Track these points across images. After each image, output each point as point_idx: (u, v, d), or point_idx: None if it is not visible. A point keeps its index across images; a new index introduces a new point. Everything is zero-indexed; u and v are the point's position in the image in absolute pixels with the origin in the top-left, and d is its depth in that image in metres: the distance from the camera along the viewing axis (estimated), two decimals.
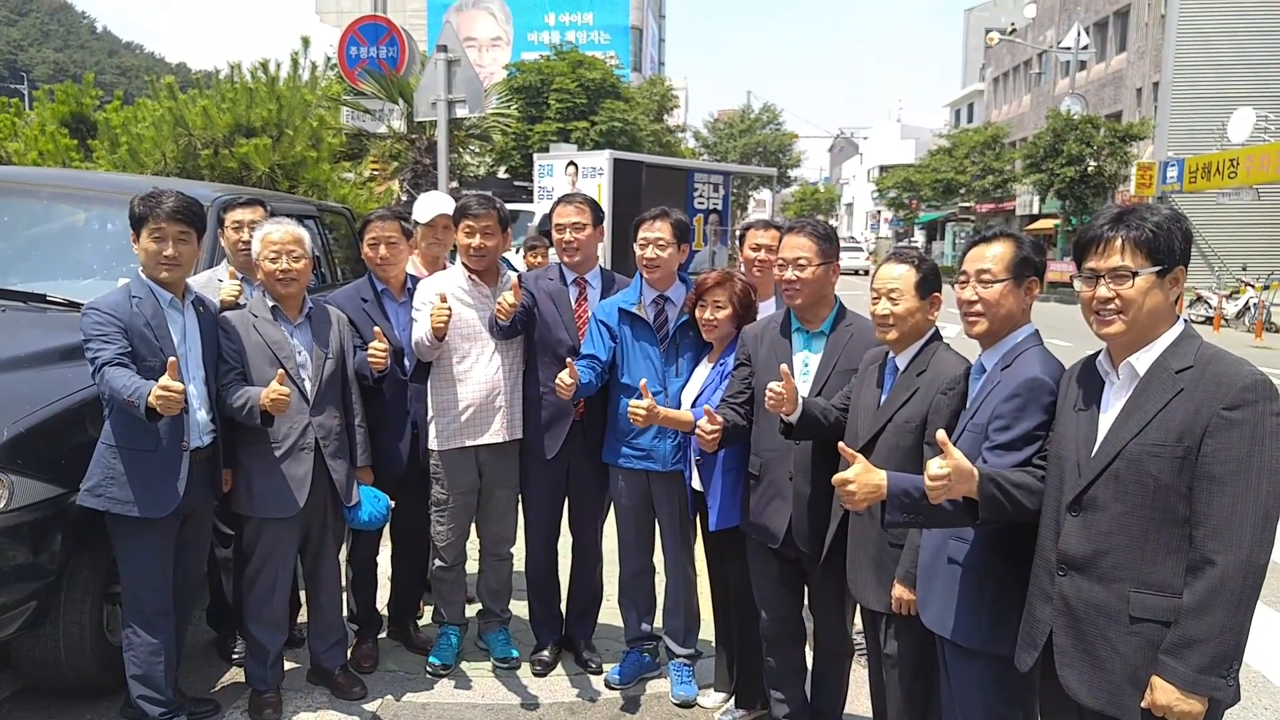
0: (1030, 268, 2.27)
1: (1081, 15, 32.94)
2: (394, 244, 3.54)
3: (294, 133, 7.49)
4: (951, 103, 55.05)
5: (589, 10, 43.75)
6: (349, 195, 8.15)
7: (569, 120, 26.37)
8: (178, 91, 7.67)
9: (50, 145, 7.42)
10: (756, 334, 3.07)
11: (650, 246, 3.34)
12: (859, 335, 2.91)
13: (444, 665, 3.59)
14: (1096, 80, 32.29)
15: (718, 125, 50.14)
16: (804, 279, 2.88)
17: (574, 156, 16.36)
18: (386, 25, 9.43)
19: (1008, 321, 2.26)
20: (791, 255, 2.90)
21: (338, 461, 3.22)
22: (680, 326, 3.36)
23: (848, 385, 2.82)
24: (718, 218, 17.76)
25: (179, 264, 2.90)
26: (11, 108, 8.67)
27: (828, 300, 2.98)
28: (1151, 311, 1.89)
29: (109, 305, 2.82)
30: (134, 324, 2.81)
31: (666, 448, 3.36)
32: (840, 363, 2.91)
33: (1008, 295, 2.25)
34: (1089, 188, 27.09)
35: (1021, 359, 2.21)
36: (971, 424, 2.23)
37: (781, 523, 2.92)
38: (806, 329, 2.99)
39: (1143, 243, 1.88)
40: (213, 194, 4.18)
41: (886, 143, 65.68)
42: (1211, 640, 1.77)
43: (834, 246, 2.95)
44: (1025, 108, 38.55)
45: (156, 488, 2.83)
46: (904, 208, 46.92)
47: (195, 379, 2.95)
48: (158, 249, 2.86)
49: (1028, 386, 2.12)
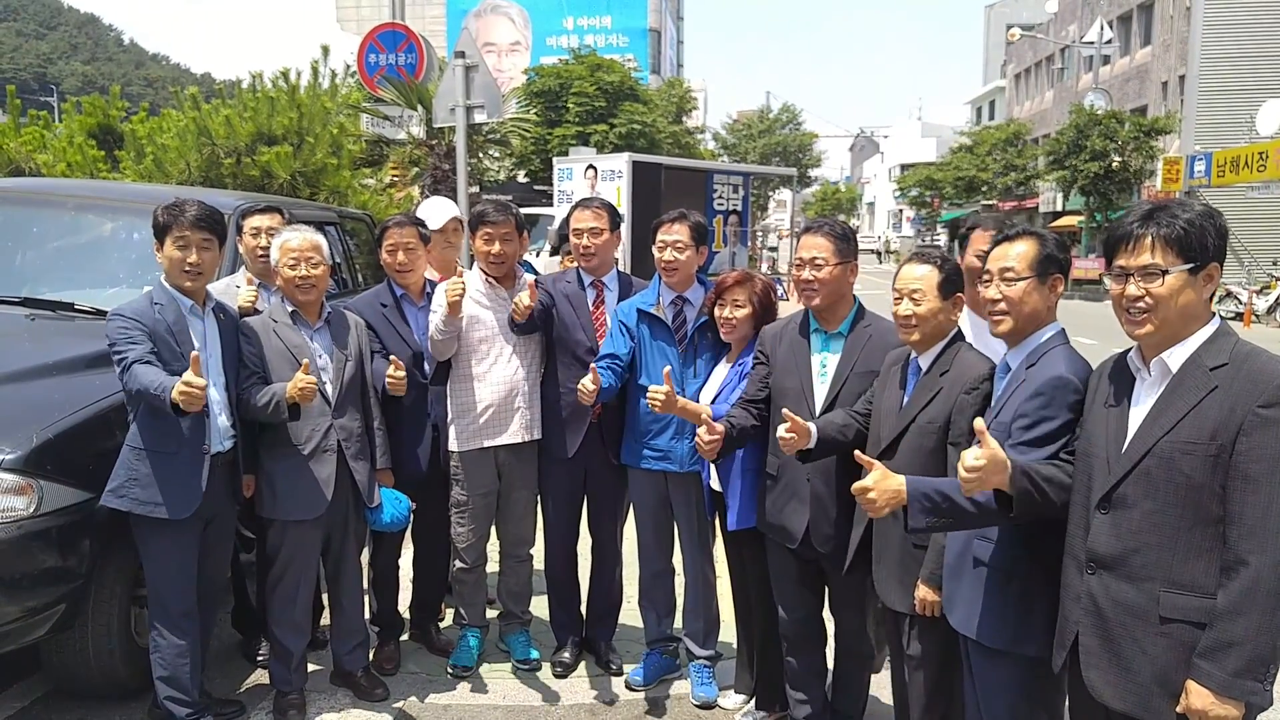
0: (1054, 265, 2.25)
1: (1105, 9, 32.55)
2: (412, 250, 3.56)
3: (314, 140, 7.57)
4: (973, 100, 54.62)
5: (607, 13, 43.86)
6: (369, 201, 8.22)
7: (588, 123, 26.43)
8: (201, 102, 7.77)
9: (78, 157, 7.53)
10: (776, 333, 3.05)
11: (668, 249, 3.34)
12: (878, 336, 2.88)
13: (465, 668, 3.61)
14: (1120, 74, 31.90)
15: (736, 126, 50.04)
16: (821, 279, 2.86)
17: (593, 159, 16.42)
18: (405, 32, 9.50)
19: (1032, 320, 2.24)
20: (808, 255, 2.88)
21: (360, 463, 3.24)
22: (699, 328, 3.35)
23: (870, 388, 2.79)
24: (737, 218, 17.74)
25: (202, 271, 2.95)
26: (40, 120, 8.81)
27: (846, 300, 2.95)
28: (1183, 309, 1.86)
29: (133, 311, 2.88)
30: (156, 329, 2.86)
31: (684, 448, 3.34)
32: (859, 364, 2.87)
33: (1031, 293, 2.23)
34: (1114, 183, 26.76)
35: (1047, 357, 2.18)
36: (996, 422, 2.20)
37: (800, 523, 2.91)
38: (825, 329, 2.96)
39: (1174, 240, 1.85)
40: (234, 202, 4.24)
41: (907, 141, 65.23)
42: (1247, 643, 1.74)
43: (851, 246, 2.92)
44: (1048, 104, 38.16)
45: (178, 490, 2.87)
46: (926, 206, 46.59)
47: (216, 385, 2.97)
48: (181, 256, 2.91)
49: (1053, 384, 2.10)
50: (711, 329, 3.30)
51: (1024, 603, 2.16)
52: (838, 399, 2.88)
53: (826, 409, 2.87)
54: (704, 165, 19.85)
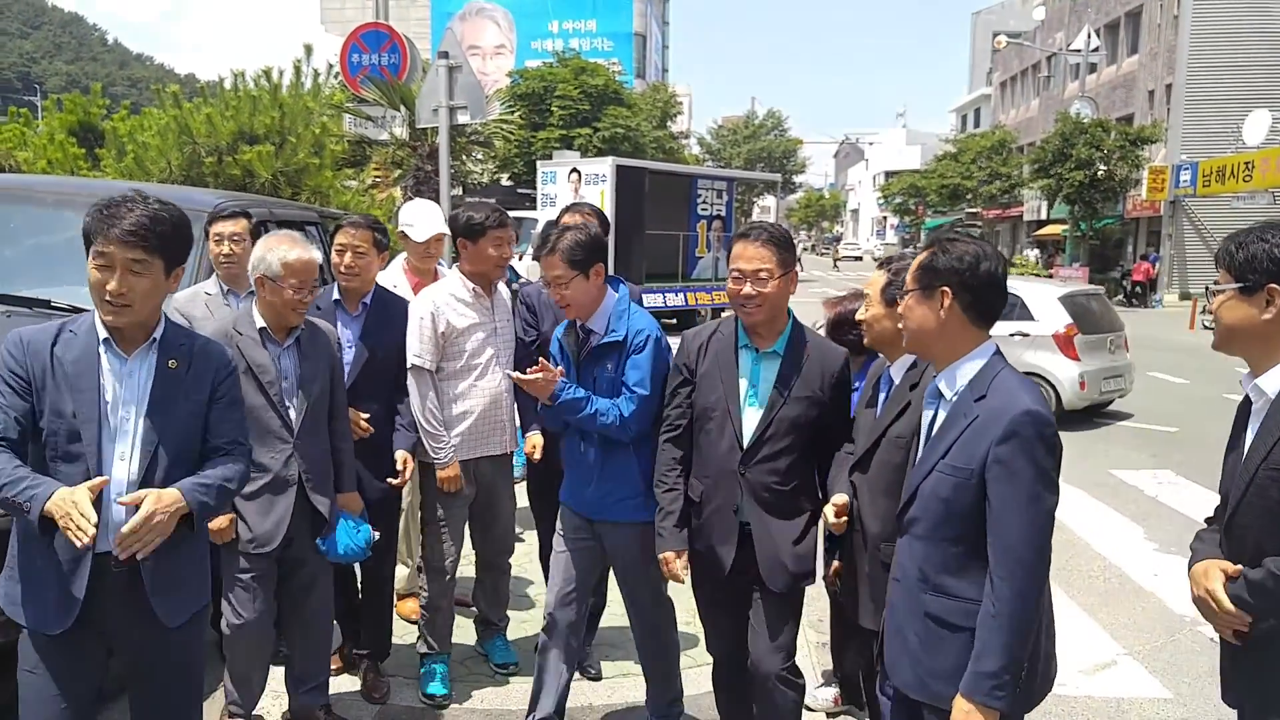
0: (934, 276, 1.92)
1: (1092, 17, 32.85)
2: (362, 254, 3.30)
3: (297, 140, 7.52)
4: (958, 108, 55.01)
5: (592, 17, 43.95)
6: (351, 202, 8.17)
7: (572, 127, 26.46)
8: (182, 100, 7.71)
9: (59, 154, 7.46)
10: (700, 344, 2.67)
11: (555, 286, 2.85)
12: (817, 354, 2.58)
13: (445, 696, 3.39)
14: (1107, 83, 32.19)
15: (721, 131, 50.21)
16: (766, 294, 2.50)
17: (577, 163, 16.43)
18: (388, 32, 9.47)
19: (926, 338, 1.96)
20: (750, 267, 2.49)
21: (320, 497, 2.93)
22: (594, 355, 2.86)
23: (808, 415, 2.54)
24: (721, 224, 17.79)
25: (129, 303, 2.02)
26: (21, 118, 8.75)
27: (783, 314, 2.59)
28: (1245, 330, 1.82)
29: (23, 339, 2.06)
30: (47, 368, 2.03)
31: (593, 494, 2.87)
32: (797, 387, 2.54)
33: (913, 306, 1.96)
34: (1099, 192, 26.97)
35: (996, 386, 1.88)
36: (945, 465, 1.89)
37: (729, 553, 2.61)
38: (756, 347, 2.58)
39: (1227, 260, 1.85)
40: (214, 200, 4.19)
41: (892, 149, 65.68)
42: None
43: (792, 253, 2.59)
44: (1033, 112, 38.47)
45: (47, 594, 2.06)
46: (910, 213, 46.85)
47: (129, 455, 2.07)
48: (100, 280, 2.00)
49: (1024, 421, 1.81)
50: (606, 354, 2.81)
51: None
52: (770, 430, 2.54)
53: (757, 442, 2.55)
54: (688, 170, 19.88)
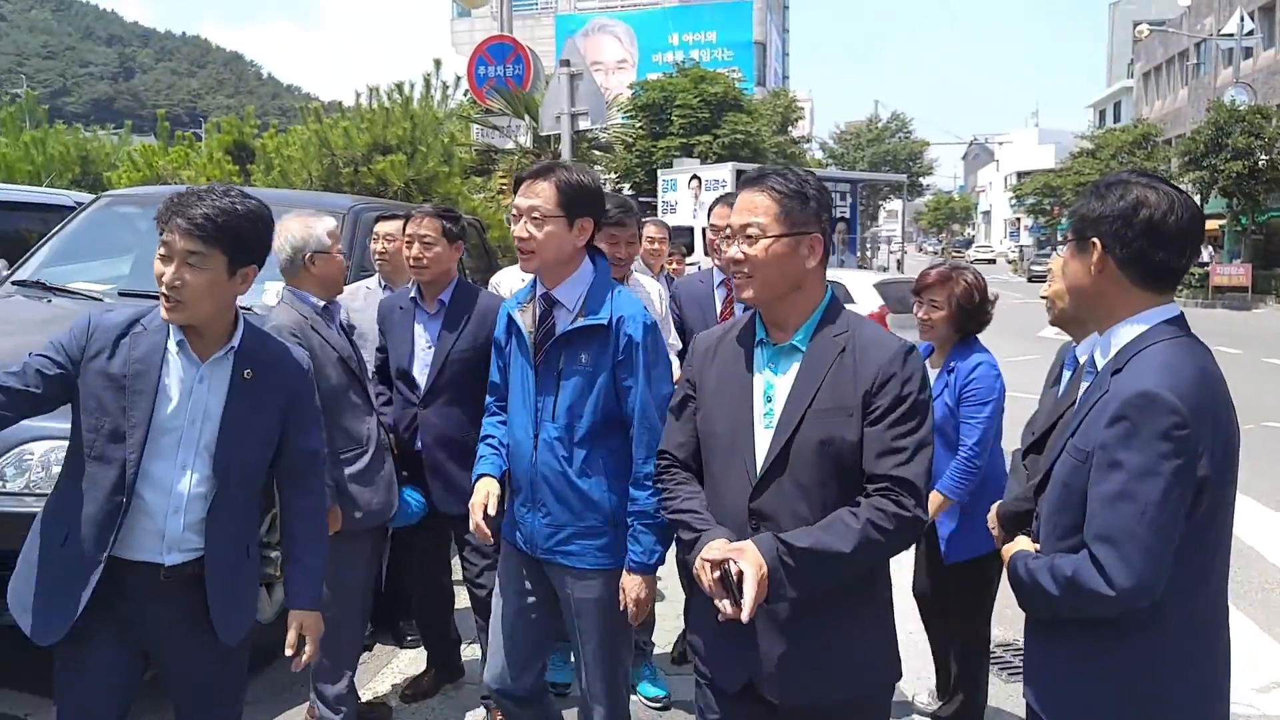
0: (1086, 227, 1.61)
1: (1244, 0, 30.46)
2: (430, 244, 3.02)
3: (427, 149, 7.90)
4: (1095, 103, 52.09)
5: (712, 29, 44.10)
6: (479, 208, 8.51)
7: (691, 135, 26.58)
8: (322, 115, 8.25)
9: (216, 171, 8.19)
10: (709, 346, 1.95)
11: (522, 218, 2.23)
12: (859, 349, 1.77)
13: (566, 683, 3.19)
14: (1265, 68, 29.70)
15: (845, 136, 49.26)
16: (756, 260, 1.77)
17: (697, 170, 16.50)
18: (513, 44, 9.79)
19: (1079, 298, 1.66)
20: (740, 220, 1.80)
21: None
22: (565, 338, 2.22)
23: (834, 437, 1.74)
24: (846, 226, 17.45)
25: (183, 300, 1.85)
26: (185, 140, 9.70)
27: (806, 295, 1.82)
28: None
29: (88, 327, 1.92)
30: (110, 356, 1.89)
31: (538, 523, 2.24)
32: (822, 395, 1.75)
33: (1068, 260, 1.66)
34: (1260, 184, 24.88)
35: (1136, 361, 1.54)
36: (1071, 446, 1.60)
37: (738, 656, 1.81)
38: (771, 340, 1.85)
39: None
40: (349, 202, 4.44)
41: (1024, 148, 62.91)
42: None
43: (812, 210, 1.79)
44: (1181, 102, 35.91)
45: (49, 598, 1.92)
46: (1045, 214, 44.58)
47: (185, 466, 1.92)
48: (159, 270, 1.85)
49: (1135, 405, 1.47)
50: (580, 341, 2.18)
51: None
52: (790, 451, 1.75)
53: (769, 469, 1.76)
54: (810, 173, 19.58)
